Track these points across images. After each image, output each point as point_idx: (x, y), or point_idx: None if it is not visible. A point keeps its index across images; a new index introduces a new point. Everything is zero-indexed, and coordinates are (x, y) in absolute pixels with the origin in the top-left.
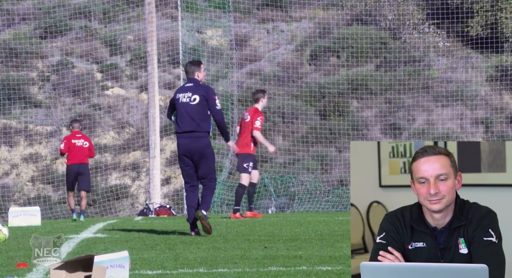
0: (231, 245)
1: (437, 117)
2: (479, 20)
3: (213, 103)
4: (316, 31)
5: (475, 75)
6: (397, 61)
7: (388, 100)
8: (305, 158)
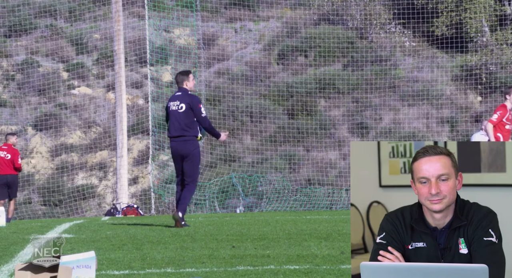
0: (199, 244)
1: (404, 117)
2: (444, 20)
3: (199, 112)
4: (284, 31)
5: (440, 74)
6: (364, 61)
7: (355, 100)
8: (273, 157)
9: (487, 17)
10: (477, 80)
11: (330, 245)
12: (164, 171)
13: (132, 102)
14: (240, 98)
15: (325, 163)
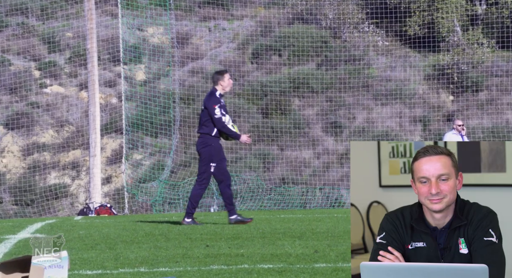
0: (173, 244)
1: (377, 116)
2: (416, 20)
3: (212, 113)
4: (257, 30)
5: (413, 74)
6: (337, 60)
7: (329, 99)
8: (247, 156)
9: (459, 17)
10: (449, 79)
11: (304, 244)
12: (137, 170)
13: (105, 101)
14: None
15: (299, 162)
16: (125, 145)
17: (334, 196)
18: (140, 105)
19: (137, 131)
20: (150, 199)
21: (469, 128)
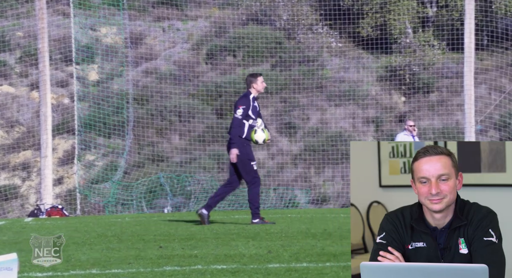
0: (126, 245)
1: (331, 117)
2: (369, 22)
3: (234, 111)
4: (212, 30)
5: (366, 75)
6: (292, 61)
7: (283, 100)
8: (201, 157)
9: (410, 19)
10: (401, 80)
11: (258, 244)
12: (90, 171)
13: (57, 102)
14: (168, 97)
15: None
16: (77, 145)
17: (288, 196)
18: (93, 105)
19: (90, 132)
20: (103, 200)
21: (420, 129)
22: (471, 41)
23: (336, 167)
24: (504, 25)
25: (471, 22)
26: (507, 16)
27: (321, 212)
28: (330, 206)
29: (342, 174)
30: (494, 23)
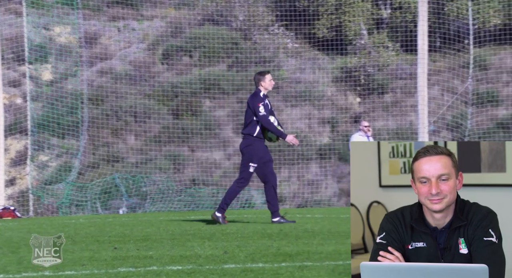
0: (80, 246)
1: (287, 117)
2: (325, 23)
3: (257, 111)
4: (168, 30)
5: (321, 76)
6: (248, 62)
7: (240, 100)
8: (157, 158)
9: (365, 21)
10: (356, 81)
11: (214, 245)
12: (43, 172)
13: (9, 102)
14: (124, 98)
15: (210, 163)
16: (30, 146)
17: (245, 197)
18: (47, 105)
19: (43, 132)
20: (57, 201)
21: (375, 130)
22: (424, 43)
23: (292, 168)
24: (456, 28)
25: (424, 24)
26: (459, 19)
27: None
28: (286, 206)
29: (298, 175)
30: (446, 25)
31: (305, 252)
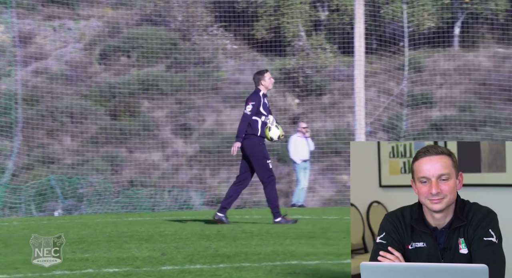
0: (13, 249)
1: (226, 118)
2: (264, 24)
3: (244, 107)
4: (105, 30)
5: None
6: (187, 62)
7: (178, 101)
8: (94, 159)
9: (303, 22)
10: (295, 83)
11: (151, 247)
12: None
13: None
14: (60, 98)
15: (148, 164)
16: None
17: (183, 198)
18: None
19: None
20: None
21: (313, 131)
22: (361, 45)
23: (232, 168)
24: (392, 30)
25: (361, 26)
26: (395, 21)
27: None
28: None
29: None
30: (382, 28)
31: (243, 253)
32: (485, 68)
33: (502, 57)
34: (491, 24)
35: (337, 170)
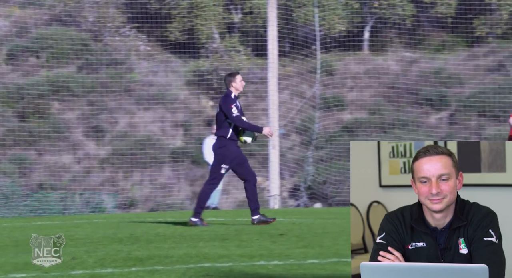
0: None
1: (139, 120)
2: (177, 26)
3: (229, 112)
4: (12, 30)
5: (174, 79)
6: (99, 64)
7: (90, 103)
8: (1, 161)
9: (217, 25)
10: (209, 85)
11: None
12: None
13: None
14: None
15: (58, 167)
16: None
17: (95, 201)
18: None
19: None
20: None
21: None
22: (274, 48)
23: (145, 171)
24: (304, 33)
25: (274, 29)
26: (307, 25)
27: (129, 216)
28: (138, 210)
29: (151, 178)
30: (295, 31)
31: (156, 256)
32: (393, 72)
33: (409, 61)
34: (398, 29)
35: None
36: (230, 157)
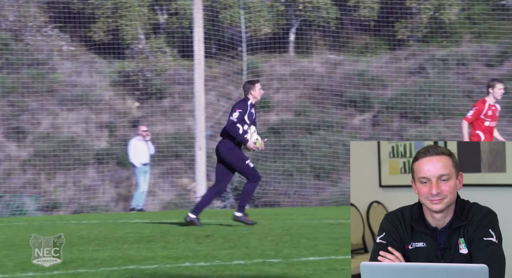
0: None
1: (63, 121)
2: (101, 26)
3: (231, 114)
4: None
5: (99, 80)
6: (20, 64)
7: (11, 103)
8: None
9: (142, 25)
10: (134, 86)
11: None
12: None
13: None
14: None
15: None
16: None
17: (16, 203)
18: None
19: None
20: None
21: (154, 134)
22: (200, 49)
23: (68, 173)
24: (230, 35)
25: (200, 31)
26: (233, 26)
27: (51, 219)
28: (61, 213)
29: (75, 180)
30: (221, 33)
31: (80, 259)
32: (318, 74)
33: (333, 63)
34: (323, 31)
35: (178, 173)
36: (241, 153)
